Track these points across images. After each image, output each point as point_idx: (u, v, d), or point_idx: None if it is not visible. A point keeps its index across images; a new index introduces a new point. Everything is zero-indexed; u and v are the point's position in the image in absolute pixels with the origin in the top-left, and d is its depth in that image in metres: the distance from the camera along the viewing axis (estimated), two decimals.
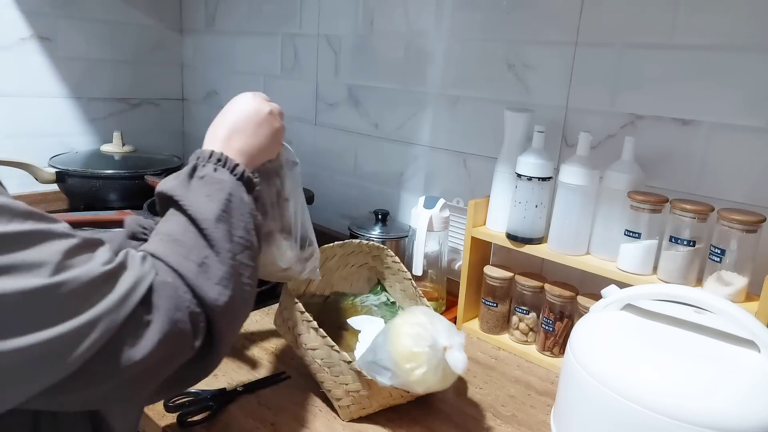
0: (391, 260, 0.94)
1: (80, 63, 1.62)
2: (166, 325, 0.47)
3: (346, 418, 0.75)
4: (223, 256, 0.54)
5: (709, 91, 0.84)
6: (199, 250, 0.53)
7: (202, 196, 0.56)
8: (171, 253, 0.52)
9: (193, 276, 0.51)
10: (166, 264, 0.51)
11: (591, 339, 0.67)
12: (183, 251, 0.52)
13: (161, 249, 0.52)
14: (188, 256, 0.52)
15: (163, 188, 0.58)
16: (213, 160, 0.60)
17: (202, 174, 0.58)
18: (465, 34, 1.11)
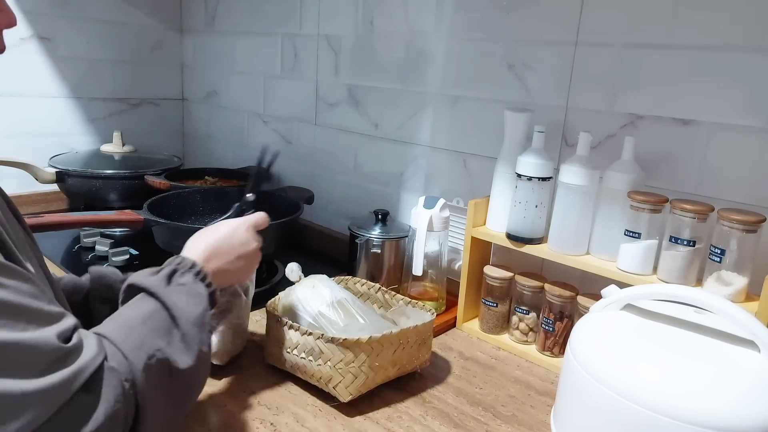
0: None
1: (80, 63, 1.62)
2: (105, 415, 0.47)
3: (346, 398, 0.76)
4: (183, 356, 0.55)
5: (709, 91, 0.84)
6: (153, 343, 0.54)
7: (183, 296, 0.59)
8: (125, 341, 0.52)
9: (141, 368, 0.51)
10: (119, 349, 0.51)
11: (591, 339, 0.67)
12: (137, 341, 0.53)
13: (116, 335, 0.52)
14: (141, 347, 0.52)
15: (139, 282, 0.59)
16: (193, 272, 0.63)
17: (182, 281, 0.62)
18: (465, 34, 1.11)
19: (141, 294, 0.60)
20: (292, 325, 0.79)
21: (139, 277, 0.61)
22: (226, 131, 1.74)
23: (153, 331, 0.55)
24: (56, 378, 0.44)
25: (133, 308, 0.58)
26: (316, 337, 0.76)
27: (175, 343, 0.55)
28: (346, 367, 0.75)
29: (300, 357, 0.79)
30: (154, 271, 0.62)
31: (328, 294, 0.84)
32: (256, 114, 1.61)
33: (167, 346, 0.55)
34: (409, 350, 0.82)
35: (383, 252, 1.09)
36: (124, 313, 0.57)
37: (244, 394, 0.79)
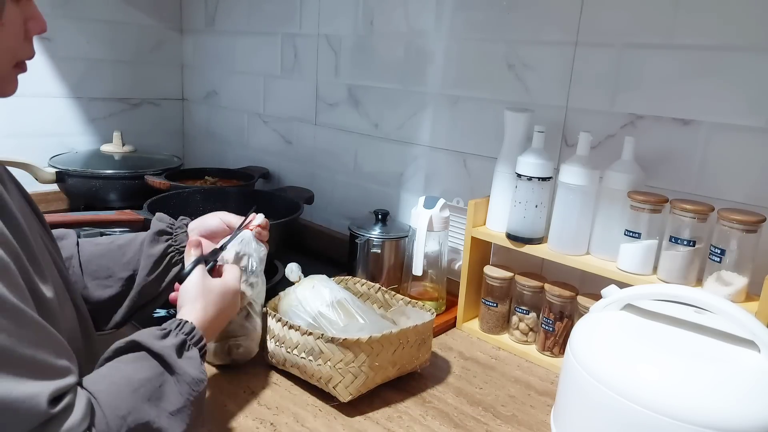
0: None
1: (80, 63, 1.62)
2: None
3: (346, 398, 0.76)
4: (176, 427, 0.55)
5: (709, 91, 0.84)
6: (140, 413, 0.53)
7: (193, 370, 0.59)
8: (112, 408, 0.51)
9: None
10: (104, 415, 0.51)
11: (591, 339, 0.67)
12: (124, 410, 0.52)
13: (105, 398, 0.52)
14: (126, 417, 0.52)
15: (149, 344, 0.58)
16: (200, 347, 0.63)
17: (190, 356, 0.61)
18: (465, 34, 1.11)
19: (143, 354, 0.58)
20: (292, 325, 0.79)
21: (148, 339, 0.59)
22: (226, 131, 1.74)
23: (144, 400, 0.54)
24: None
25: (131, 368, 0.56)
26: (316, 337, 0.76)
27: (163, 417, 0.55)
28: (346, 367, 0.75)
29: (300, 357, 0.79)
30: (163, 335, 0.60)
31: (327, 294, 0.84)
32: (256, 114, 1.61)
33: (156, 419, 0.54)
34: (409, 350, 0.82)
35: (383, 252, 1.09)
36: (120, 371, 0.56)
37: (244, 394, 0.79)
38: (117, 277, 0.76)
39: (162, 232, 0.79)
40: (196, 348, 0.62)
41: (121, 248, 0.78)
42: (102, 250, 0.78)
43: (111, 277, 0.76)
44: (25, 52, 0.57)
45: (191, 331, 0.62)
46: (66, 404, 0.47)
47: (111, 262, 0.77)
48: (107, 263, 0.76)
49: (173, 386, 0.57)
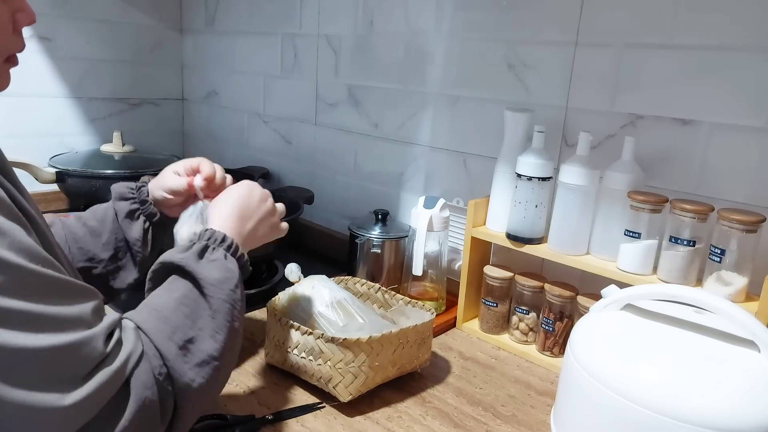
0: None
1: (80, 63, 1.62)
2: (138, 404, 0.48)
3: (346, 398, 0.76)
4: (213, 340, 0.56)
5: (709, 91, 0.84)
6: (184, 330, 0.55)
7: (215, 272, 0.59)
8: (157, 332, 0.53)
9: (173, 357, 0.53)
10: (151, 341, 0.52)
11: (591, 339, 0.67)
12: (169, 331, 0.54)
13: (149, 325, 0.53)
14: (172, 336, 0.54)
15: (171, 259, 0.59)
16: (224, 246, 0.62)
17: (214, 257, 0.60)
18: (465, 34, 1.11)
19: (173, 275, 0.59)
20: (292, 324, 0.79)
21: (171, 255, 0.60)
22: (226, 131, 1.74)
23: (185, 317, 0.55)
24: (97, 382, 0.45)
25: (166, 291, 0.58)
26: (316, 337, 0.76)
27: (207, 326, 0.56)
28: (346, 367, 0.75)
29: (300, 357, 0.79)
30: (185, 248, 0.61)
31: (327, 294, 0.84)
32: (256, 114, 1.61)
33: (200, 332, 0.55)
34: (409, 350, 0.82)
35: (383, 252, 1.09)
36: (157, 297, 0.58)
37: (244, 394, 0.79)
38: (99, 258, 0.75)
39: (131, 213, 0.76)
40: (221, 248, 0.61)
41: (94, 231, 0.76)
42: (77, 234, 0.76)
43: (93, 259, 0.76)
44: (15, 45, 0.55)
45: (212, 235, 0.62)
46: (117, 339, 0.48)
47: (89, 245, 0.75)
48: (86, 247, 0.75)
49: (201, 294, 0.57)
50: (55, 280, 0.45)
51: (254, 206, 0.70)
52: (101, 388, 0.45)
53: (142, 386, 0.49)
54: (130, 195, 0.78)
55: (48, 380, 0.42)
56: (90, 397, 0.44)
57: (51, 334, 0.43)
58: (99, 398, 0.45)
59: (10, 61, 0.55)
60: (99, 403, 0.45)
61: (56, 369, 0.43)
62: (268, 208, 0.72)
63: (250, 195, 0.70)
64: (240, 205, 0.68)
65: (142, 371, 0.49)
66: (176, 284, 0.59)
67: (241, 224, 0.67)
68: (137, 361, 0.49)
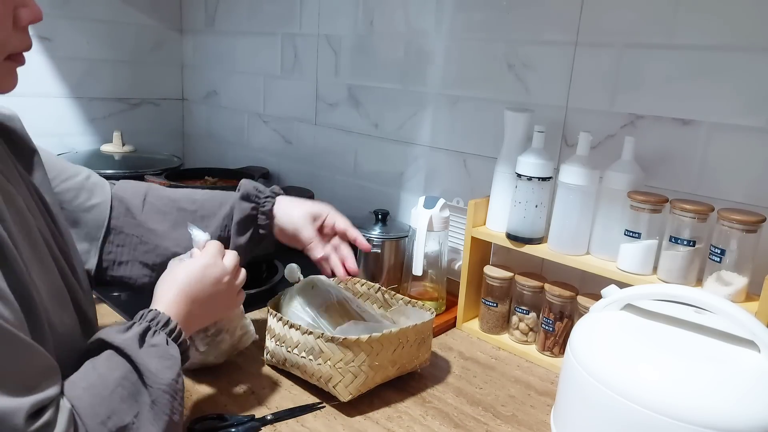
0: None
1: (80, 63, 1.62)
2: None
3: (346, 397, 0.76)
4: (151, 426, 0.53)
5: (709, 91, 0.84)
6: (120, 416, 0.52)
7: (155, 361, 0.56)
8: (91, 415, 0.50)
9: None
10: (84, 424, 0.49)
11: (591, 339, 0.67)
12: (104, 415, 0.51)
13: (83, 403, 0.51)
14: (106, 422, 0.51)
15: (111, 339, 0.56)
16: (166, 330, 0.59)
17: (154, 342, 0.58)
18: (465, 34, 1.11)
19: (111, 352, 0.56)
20: (292, 324, 0.79)
21: (111, 334, 0.57)
22: (226, 131, 1.74)
23: (122, 400, 0.53)
24: None
25: (104, 370, 0.54)
26: (316, 336, 0.76)
27: (144, 414, 0.53)
28: (346, 367, 0.75)
29: (300, 356, 0.79)
30: (125, 328, 0.58)
31: (327, 294, 0.84)
32: (256, 114, 1.61)
33: (135, 419, 0.53)
34: (409, 349, 0.82)
35: (383, 252, 1.09)
36: (95, 375, 0.54)
37: (244, 394, 0.79)
38: None
39: (248, 220, 0.78)
40: (163, 333, 0.58)
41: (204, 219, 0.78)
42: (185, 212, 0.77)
43: None
44: (18, 42, 0.52)
45: (155, 317, 0.59)
46: (47, 420, 0.45)
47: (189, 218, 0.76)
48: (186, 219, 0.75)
49: (140, 381, 0.55)
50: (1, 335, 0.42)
51: (206, 290, 0.66)
52: None
53: None
54: (255, 200, 0.80)
55: None
56: None
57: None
58: None
59: (14, 59, 0.52)
60: None
61: None
62: (221, 290, 0.68)
63: (202, 278, 0.66)
64: (188, 289, 0.65)
65: None
66: (115, 362, 0.55)
67: (188, 307, 0.64)
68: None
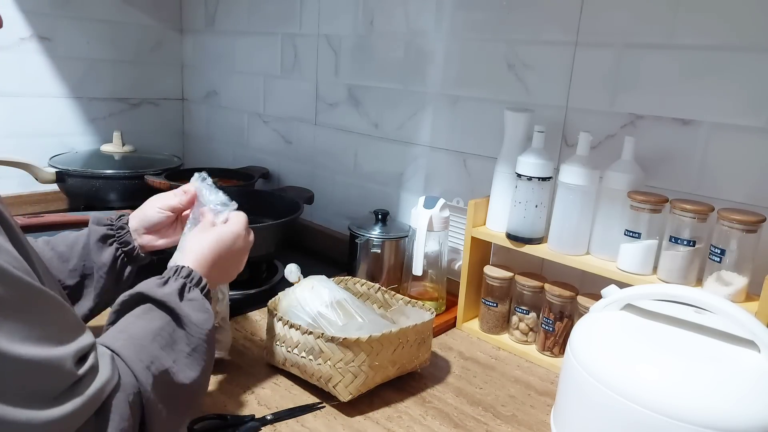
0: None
1: (80, 63, 1.62)
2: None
3: (346, 397, 0.76)
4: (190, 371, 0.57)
5: (709, 91, 0.84)
6: (161, 361, 0.55)
7: (197, 312, 0.61)
8: (136, 361, 0.53)
9: (150, 388, 0.52)
10: (130, 369, 0.52)
11: (591, 339, 0.67)
12: (147, 360, 0.54)
13: (127, 352, 0.53)
14: (150, 367, 0.54)
15: (151, 293, 0.60)
16: (200, 287, 0.64)
17: (192, 297, 0.62)
18: (465, 34, 1.11)
19: (149, 305, 0.60)
20: (293, 324, 0.79)
21: (151, 289, 0.60)
22: (226, 131, 1.74)
23: (162, 348, 0.56)
24: (70, 407, 0.44)
25: (143, 320, 0.58)
26: (316, 336, 0.76)
27: (182, 360, 0.57)
28: (346, 367, 0.75)
29: (300, 356, 0.79)
30: (162, 282, 0.62)
31: (326, 294, 0.84)
32: (256, 114, 1.61)
33: (174, 364, 0.56)
34: (409, 349, 0.82)
35: (383, 252, 1.09)
36: (134, 325, 0.58)
37: (244, 394, 0.79)
38: (64, 284, 0.74)
39: (105, 237, 0.76)
40: (197, 289, 0.63)
41: (62, 256, 0.75)
42: (44, 257, 0.74)
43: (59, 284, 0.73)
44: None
45: (189, 274, 0.64)
46: (91, 363, 0.47)
47: (55, 271, 0.74)
48: (53, 272, 0.73)
49: (182, 330, 0.59)
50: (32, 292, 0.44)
51: (229, 258, 0.72)
52: (75, 413, 0.44)
53: (119, 417, 0.48)
54: (108, 222, 0.78)
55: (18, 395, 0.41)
56: (62, 420, 0.43)
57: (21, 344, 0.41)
58: (71, 423, 0.44)
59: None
60: (71, 427, 0.44)
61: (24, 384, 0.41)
62: (240, 260, 0.75)
63: (231, 247, 0.72)
64: (217, 254, 0.70)
65: (119, 401, 0.49)
66: (152, 315, 0.59)
67: (212, 270, 0.69)
68: (113, 390, 0.48)
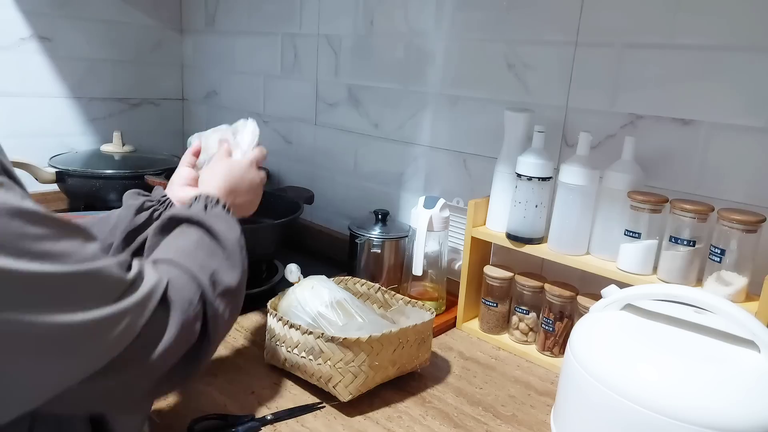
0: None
1: (80, 63, 1.62)
2: (180, 324, 0.52)
3: (346, 397, 0.76)
4: (232, 273, 0.61)
5: (709, 91, 0.84)
6: (208, 265, 0.59)
7: (222, 222, 0.65)
8: (191, 264, 0.57)
9: (206, 287, 0.56)
10: (188, 269, 0.56)
11: (591, 339, 0.67)
12: (197, 264, 0.58)
13: (180, 259, 0.58)
14: (201, 269, 0.58)
15: (181, 214, 0.66)
16: (221, 206, 0.69)
17: (216, 212, 0.67)
18: (465, 34, 1.11)
19: (184, 224, 0.64)
20: (293, 324, 0.79)
21: (179, 210, 0.67)
22: None
23: (206, 255, 0.61)
24: (131, 301, 0.47)
25: (181, 237, 0.63)
26: (316, 337, 0.76)
27: (223, 264, 0.61)
28: (346, 367, 0.75)
29: (300, 356, 0.79)
30: (188, 206, 0.67)
31: (326, 294, 0.84)
32: (256, 114, 1.61)
33: (219, 267, 0.60)
34: (409, 349, 0.82)
35: (383, 252, 1.09)
36: (173, 242, 0.63)
37: (244, 394, 0.79)
38: None
39: (141, 209, 0.75)
40: (218, 206, 0.68)
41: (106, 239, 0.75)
42: None
43: None
44: None
45: (209, 196, 0.69)
46: (137, 270, 0.50)
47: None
48: None
49: (215, 240, 0.63)
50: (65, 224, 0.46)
51: (245, 185, 0.77)
52: (138, 304, 0.47)
53: (182, 306, 0.53)
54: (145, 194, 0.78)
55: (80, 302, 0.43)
56: (123, 312, 0.46)
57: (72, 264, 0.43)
58: (135, 315, 0.47)
59: None
60: (134, 323, 0.47)
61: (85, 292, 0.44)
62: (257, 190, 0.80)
63: (244, 174, 0.78)
64: (233, 179, 0.76)
65: (179, 292, 0.53)
66: (188, 232, 0.63)
67: (230, 197, 0.74)
68: (166, 287, 0.52)
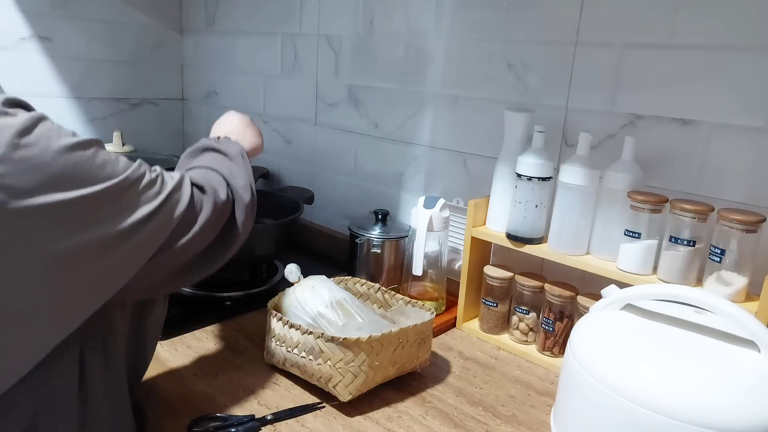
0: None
1: (80, 63, 1.62)
2: (213, 203, 0.66)
3: (346, 397, 0.76)
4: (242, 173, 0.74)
5: (709, 91, 0.84)
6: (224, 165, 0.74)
7: (232, 146, 0.79)
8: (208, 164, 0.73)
9: (229, 176, 0.71)
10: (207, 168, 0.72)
11: (591, 339, 0.67)
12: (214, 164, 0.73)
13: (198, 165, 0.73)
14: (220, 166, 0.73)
15: (200, 144, 0.81)
16: (224, 138, 0.82)
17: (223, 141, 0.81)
18: (465, 34, 1.11)
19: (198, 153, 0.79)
20: (292, 324, 0.79)
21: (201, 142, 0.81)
22: None
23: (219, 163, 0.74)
24: (168, 189, 0.60)
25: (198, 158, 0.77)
26: (316, 337, 0.76)
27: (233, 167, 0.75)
28: (346, 367, 0.75)
29: (300, 356, 0.79)
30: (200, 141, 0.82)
31: (326, 294, 0.84)
32: (256, 114, 1.61)
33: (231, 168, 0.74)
34: (409, 349, 0.82)
35: (383, 252, 1.09)
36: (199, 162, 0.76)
37: (244, 394, 0.79)
38: None
39: None
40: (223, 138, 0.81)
41: None
42: None
43: None
44: None
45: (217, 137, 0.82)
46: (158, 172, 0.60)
47: None
48: None
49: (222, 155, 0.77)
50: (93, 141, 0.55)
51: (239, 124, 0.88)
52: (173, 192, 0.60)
53: (213, 191, 0.67)
54: None
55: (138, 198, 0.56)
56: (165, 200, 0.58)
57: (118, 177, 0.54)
58: (175, 201, 0.60)
59: None
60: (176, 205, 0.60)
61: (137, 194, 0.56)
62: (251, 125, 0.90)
63: (245, 130, 0.87)
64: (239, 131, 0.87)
65: (210, 181, 0.68)
66: (208, 154, 0.78)
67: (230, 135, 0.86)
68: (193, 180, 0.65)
